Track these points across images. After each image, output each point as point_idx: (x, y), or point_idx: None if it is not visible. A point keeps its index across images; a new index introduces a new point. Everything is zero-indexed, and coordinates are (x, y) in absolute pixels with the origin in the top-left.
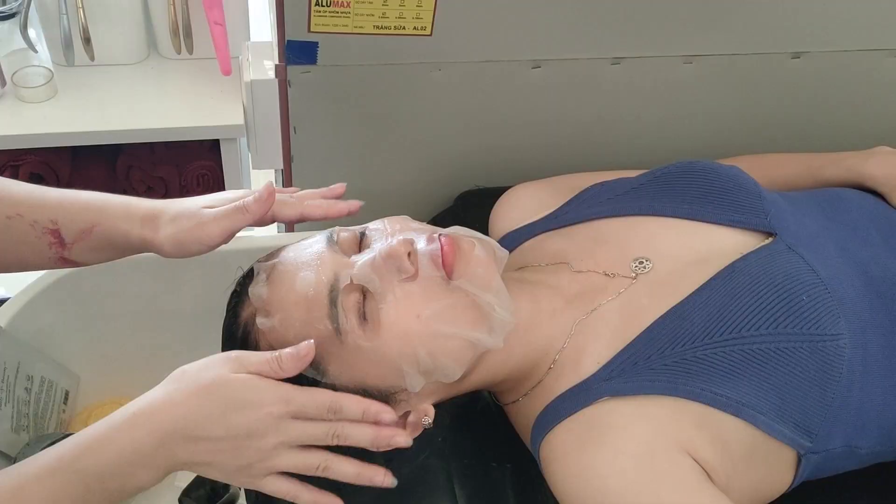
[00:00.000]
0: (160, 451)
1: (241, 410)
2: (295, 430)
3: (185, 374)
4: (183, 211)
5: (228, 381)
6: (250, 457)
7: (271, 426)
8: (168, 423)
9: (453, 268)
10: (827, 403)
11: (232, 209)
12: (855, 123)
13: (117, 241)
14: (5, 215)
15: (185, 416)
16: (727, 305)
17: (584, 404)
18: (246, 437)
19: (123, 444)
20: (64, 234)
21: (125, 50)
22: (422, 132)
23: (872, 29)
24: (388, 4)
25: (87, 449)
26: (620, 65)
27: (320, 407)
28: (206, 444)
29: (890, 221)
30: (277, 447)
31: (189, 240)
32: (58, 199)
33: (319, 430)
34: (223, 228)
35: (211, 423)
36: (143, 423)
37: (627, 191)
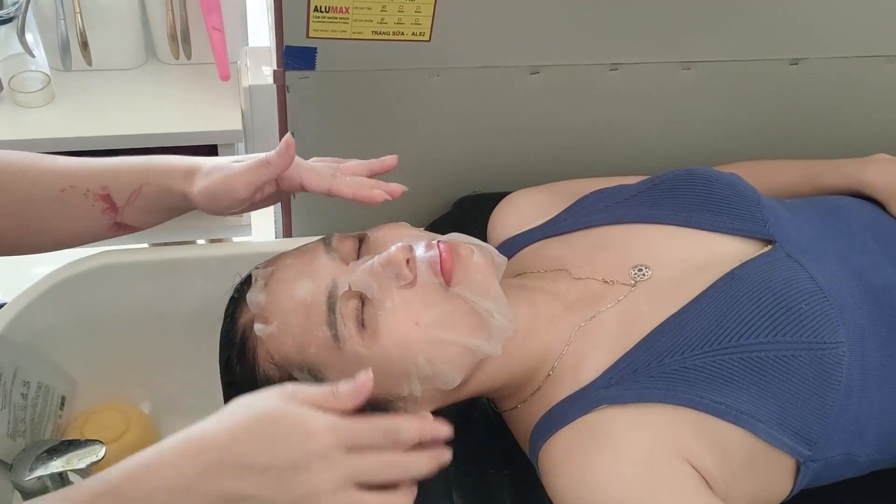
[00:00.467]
0: (205, 481)
1: (288, 439)
2: (346, 463)
3: (238, 403)
4: (216, 165)
5: (280, 412)
6: (299, 493)
7: (319, 457)
8: (214, 451)
9: (452, 274)
10: (826, 411)
11: (255, 162)
12: (853, 130)
13: (163, 199)
14: (59, 188)
15: (231, 445)
16: (726, 313)
17: (583, 412)
18: (292, 469)
19: (169, 472)
20: (115, 198)
21: (123, 55)
22: (420, 137)
23: (871, 35)
24: (387, 10)
25: (134, 475)
26: (619, 71)
27: (374, 431)
28: (251, 474)
29: (887, 229)
30: (327, 483)
31: (218, 192)
32: (105, 166)
33: (374, 465)
34: (248, 181)
35: (257, 451)
36: (190, 450)
37: (626, 198)
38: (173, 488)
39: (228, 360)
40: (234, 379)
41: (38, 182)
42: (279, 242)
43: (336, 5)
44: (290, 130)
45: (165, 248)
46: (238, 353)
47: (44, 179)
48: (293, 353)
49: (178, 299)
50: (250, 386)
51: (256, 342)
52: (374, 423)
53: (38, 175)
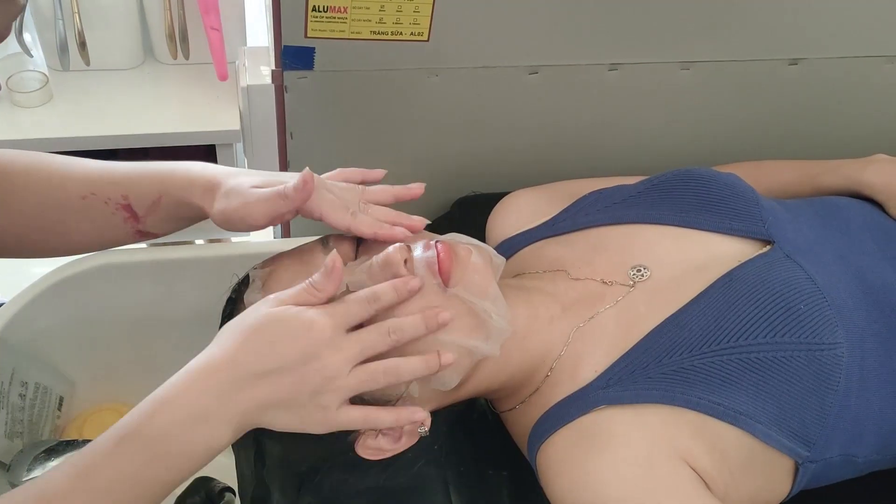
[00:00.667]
0: (221, 404)
1: (291, 337)
2: (350, 341)
3: (228, 326)
4: (235, 187)
5: (273, 315)
6: (315, 383)
7: (325, 343)
8: (223, 373)
9: (450, 275)
10: (825, 412)
11: (273, 194)
12: (852, 130)
13: (182, 210)
14: (80, 196)
15: (236, 360)
16: (725, 314)
17: (581, 412)
18: (303, 361)
19: (182, 403)
20: (135, 207)
21: (121, 55)
22: (419, 138)
23: (870, 35)
24: (386, 10)
25: (149, 413)
26: (618, 71)
27: (360, 301)
28: (266, 380)
29: (886, 230)
30: (339, 365)
31: (235, 218)
32: (126, 174)
33: (374, 334)
34: (265, 212)
35: (264, 358)
36: (198, 378)
37: (625, 198)
38: (192, 418)
39: None
40: None
41: (60, 188)
42: (278, 242)
43: (334, 5)
44: (289, 131)
45: (164, 248)
46: None
47: (66, 186)
48: None
49: (176, 300)
50: None
51: None
52: (356, 296)
53: (60, 181)
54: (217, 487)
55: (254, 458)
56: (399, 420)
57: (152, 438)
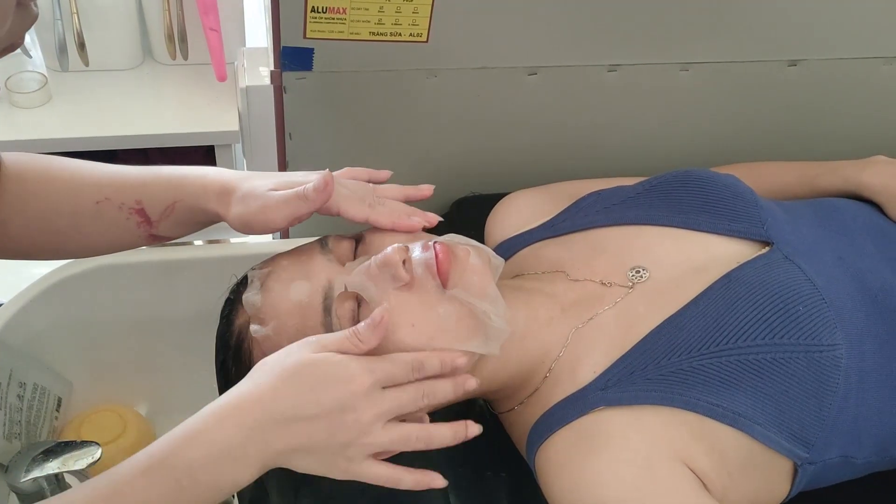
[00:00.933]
0: (251, 443)
1: (331, 385)
2: (387, 398)
3: (267, 363)
4: (252, 191)
5: (313, 361)
6: (347, 434)
7: (363, 397)
8: (257, 412)
9: (448, 276)
10: (824, 414)
11: (293, 196)
12: (851, 131)
13: (197, 215)
14: (94, 201)
15: (273, 401)
16: (724, 315)
17: (580, 413)
18: (340, 411)
19: (213, 438)
20: (149, 212)
21: (120, 55)
22: (417, 138)
23: (869, 37)
24: (385, 11)
25: (178, 445)
26: (617, 72)
27: (405, 366)
28: (300, 425)
29: (885, 232)
30: (373, 421)
31: (254, 222)
32: (140, 179)
33: (410, 394)
34: (285, 215)
35: (302, 403)
36: (230, 414)
37: (624, 199)
38: (220, 454)
39: (224, 362)
40: (230, 380)
41: (74, 193)
42: (276, 243)
43: (333, 6)
44: (288, 131)
45: (162, 249)
46: (233, 355)
47: (80, 191)
48: None
49: (174, 300)
50: None
51: (252, 344)
52: (401, 359)
53: (75, 186)
54: None
55: None
56: (419, 484)
57: (181, 469)
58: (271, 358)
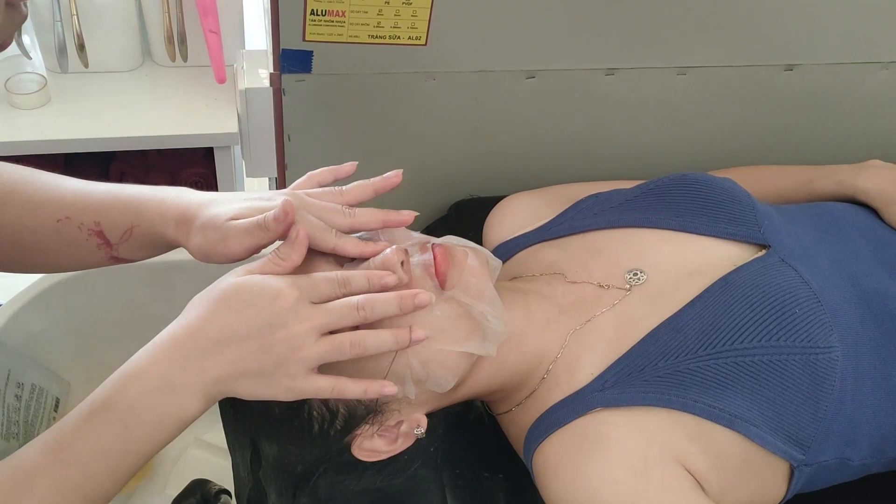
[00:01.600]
0: (187, 373)
1: (257, 304)
2: (318, 311)
3: (196, 297)
4: (211, 220)
5: (238, 284)
6: (280, 351)
7: (290, 312)
8: (189, 342)
9: (446, 277)
10: (819, 416)
11: (253, 225)
12: (847, 136)
13: (156, 241)
14: (55, 219)
15: (202, 329)
16: (721, 318)
17: (577, 415)
18: (269, 329)
19: (148, 374)
20: (108, 235)
21: (119, 57)
22: (416, 141)
23: (865, 42)
24: (384, 14)
25: (117, 387)
26: (615, 75)
27: (330, 281)
28: (231, 348)
29: (880, 236)
30: (305, 334)
31: (213, 253)
32: (100, 200)
33: (341, 306)
34: (245, 246)
35: (230, 325)
36: (163, 349)
37: (622, 202)
38: (158, 389)
39: None
40: None
41: (36, 210)
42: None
43: (333, 9)
44: (287, 133)
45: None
46: None
47: (42, 207)
48: None
49: (172, 302)
50: None
51: None
52: (326, 275)
53: (37, 203)
54: (213, 490)
55: (250, 460)
56: (368, 391)
57: (123, 410)
58: (200, 293)
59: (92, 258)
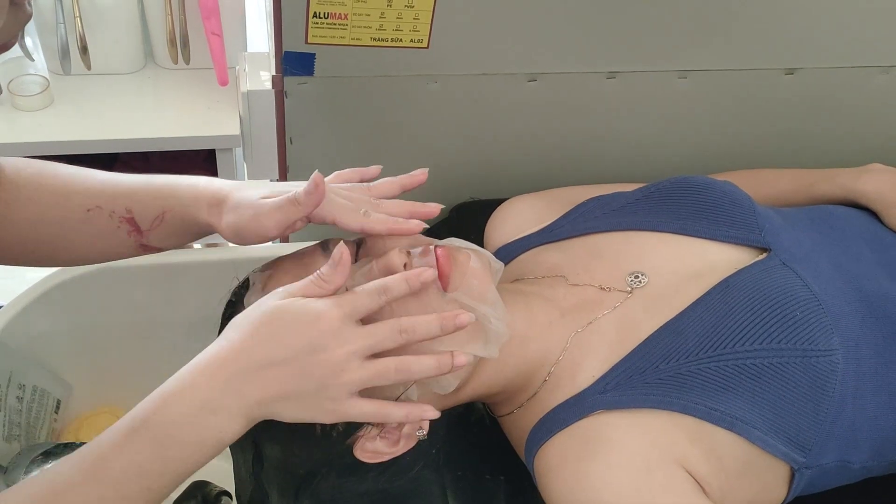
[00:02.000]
0: (228, 395)
1: (298, 327)
2: (360, 334)
3: (235, 320)
4: (243, 200)
5: (277, 307)
6: (322, 375)
7: (332, 335)
8: (230, 364)
9: (449, 279)
10: (820, 418)
11: (285, 201)
12: (848, 139)
13: (188, 225)
14: (85, 209)
15: (243, 352)
16: (721, 320)
17: (578, 417)
18: (310, 352)
19: (189, 395)
20: (139, 221)
21: (122, 59)
22: (418, 144)
23: (865, 46)
24: (386, 17)
25: (156, 406)
26: (616, 79)
27: (370, 293)
28: (272, 371)
29: (881, 239)
30: (347, 358)
31: (247, 231)
32: (131, 188)
33: (385, 330)
34: (277, 221)
35: (271, 349)
36: (204, 370)
37: (623, 205)
38: (200, 409)
39: None
40: None
41: (65, 200)
42: (276, 247)
43: (335, 11)
44: (289, 136)
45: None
46: None
47: (71, 198)
48: None
49: (174, 304)
50: None
51: None
52: (365, 287)
53: (66, 193)
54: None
55: (251, 462)
56: (410, 416)
57: (161, 430)
58: (239, 315)
59: (120, 248)
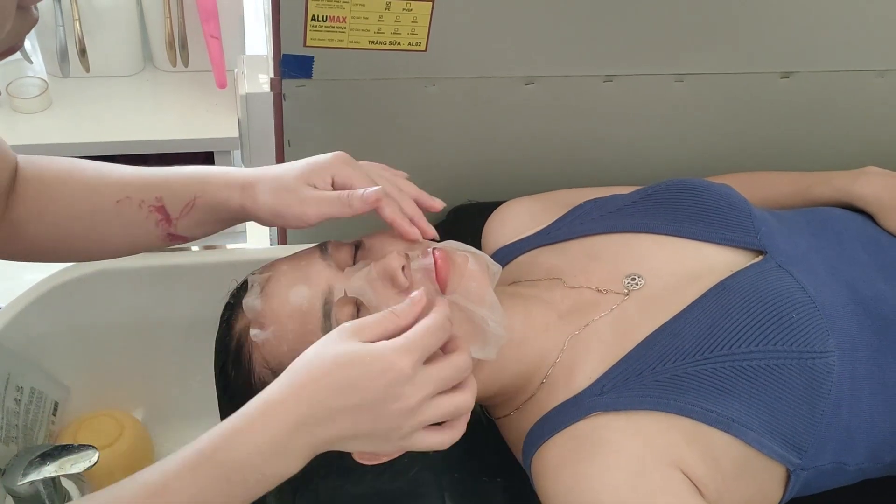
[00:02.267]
0: (297, 437)
1: (372, 376)
2: (429, 379)
3: (304, 359)
4: (282, 184)
5: (351, 354)
6: (397, 419)
7: (406, 383)
8: (302, 407)
9: (447, 282)
10: (816, 420)
11: (336, 199)
12: (843, 142)
13: (219, 211)
14: (115, 200)
15: (314, 396)
16: (718, 322)
17: (575, 419)
18: (384, 400)
19: (259, 436)
20: (169, 209)
21: (121, 62)
22: (416, 146)
23: (860, 50)
24: (384, 20)
25: (224, 441)
26: (613, 82)
27: (434, 332)
28: (344, 416)
29: (877, 241)
30: (420, 402)
31: (288, 214)
32: (161, 176)
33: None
34: (321, 213)
35: (345, 396)
36: (275, 410)
37: (620, 208)
38: (267, 451)
39: (224, 366)
40: (229, 384)
41: (94, 193)
42: (274, 250)
43: (333, 14)
44: (287, 138)
45: (160, 254)
46: (233, 359)
47: (100, 191)
48: (288, 358)
49: (172, 306)
50: (245, 391)
51: (252, 347)
52: (428, 326)
53: (94, 186)
54: None
55: None
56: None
57: (229, 466)
58: (311, 350)
59: (148, 238)
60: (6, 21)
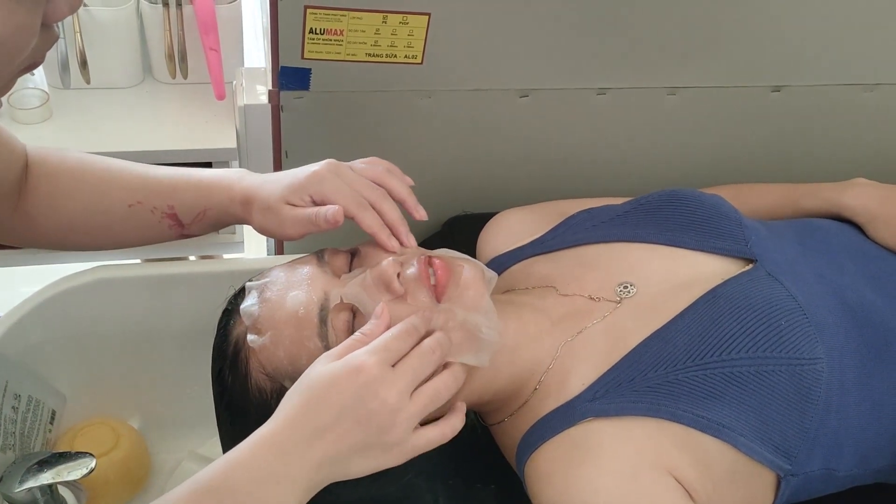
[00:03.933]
0: (290, 462)
1: (341, 384)
2: (400, 371)
3: (289, 391)
4: (267, 205)
5: (320, 372)
6: (379, 420)
7: (377, 380)
8: (287, 433)
9: (445, 289)
10: (805, 426)
11: (304, 218)
12: (833, 155)
13: (226, 219)
14: (127, 204)
15: (296, 420)
16: (709, 329)
17: (568, 424)
18: (358, 402)
19: (253, 465)
20: (181, 217)
21: (121, 74)
22: (411, 158)
23: (850, 65)
24: (381, 33)
25: (224, 473)
26: (606, 95)
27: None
28: (330, 433)
29: (864, 251)
30: (399, 397)
31: (273, 232)
32: (171, 185)
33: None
34: (300, 232)
35: (321, 411)
36: (266, 441)
37: (613, 217)
38: (264, 479)
39: (221, 372)
40: (226, 390)
41: (106, 195)
42: (271, 259)
43: (331, 27)
44: (284, 149)
45: (157, 263)
46: (230, 365)
47: (112, 193)
48: (285, 364)
49: (169, 315)
50: (242, 397)
51: (249, 353)
52: (396, 331)
53: (107, 188)
54: None
55: None
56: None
57: (226, 496)
58: (293, 386)
59: (162, 236)
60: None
